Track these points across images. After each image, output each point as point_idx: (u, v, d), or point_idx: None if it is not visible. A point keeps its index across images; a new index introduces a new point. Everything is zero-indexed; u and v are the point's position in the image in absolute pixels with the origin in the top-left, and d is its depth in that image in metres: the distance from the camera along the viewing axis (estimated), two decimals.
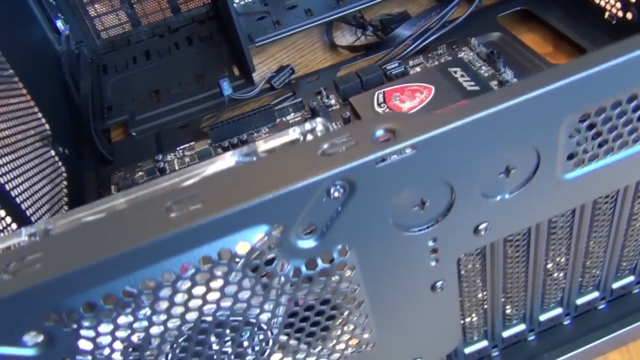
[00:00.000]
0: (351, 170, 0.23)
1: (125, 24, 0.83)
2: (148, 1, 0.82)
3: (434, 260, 0.28)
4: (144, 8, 0.82)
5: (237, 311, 0.25)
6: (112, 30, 0.82)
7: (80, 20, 0.79)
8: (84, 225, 0.23)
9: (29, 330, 0.23)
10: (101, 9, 0.80)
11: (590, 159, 0.27)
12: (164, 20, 0.83)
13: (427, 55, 0.65)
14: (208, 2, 0.83)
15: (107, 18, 0.81)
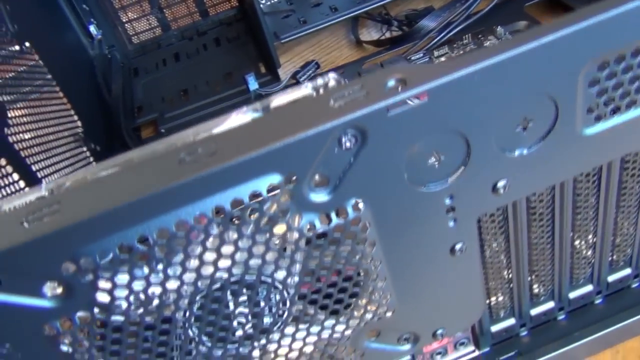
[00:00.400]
0: (362, 118, 0.23)
1: (155, 28, 0.85)
2: (177, 6, 0.83)
3: (452, 220, 0.28)
4: (174, 13, 0.84)
5: (252, 267, 0.25)
6: (143, 34, 0.84)
7: (112, 26, 0.82)
8: (100, 177, 0.24)
9: (48, 280, 0.23)
10: (132, 14, 0.83)
11: (612, 113, 0.27)
12: (192, 24, 0.85)
13: (452, 46, 0.64)
14: (235, 4, 0.85)
15: (138, 23, 0.83)
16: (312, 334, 0.30)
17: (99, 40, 0.80)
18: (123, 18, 0.82)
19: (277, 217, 0.24)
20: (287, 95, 0.25)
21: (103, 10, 0.80)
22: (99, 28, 0.80)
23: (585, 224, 0.34)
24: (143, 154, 0.24)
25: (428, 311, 0.32)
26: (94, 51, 0.79)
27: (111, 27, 0.81)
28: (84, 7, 0.78)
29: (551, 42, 0.23)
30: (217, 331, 0.27)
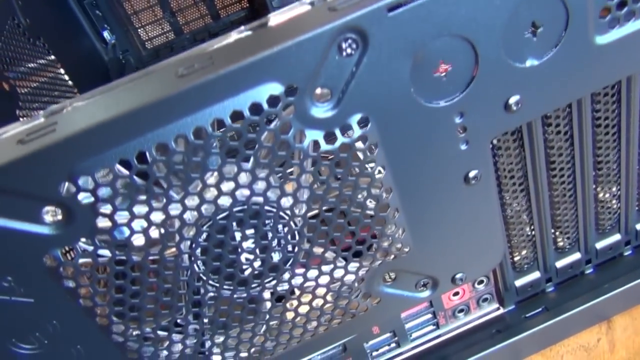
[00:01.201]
0: (361, 19, 0.22)
1: (168, 32, 0.85)
2: (189, 9, 0.84)
3: (464, 142, 0.27)
4: (185, 16, 0.85)
5: (256, 191, 0.25)
6: (156, 39, 0.85)
7: (125, 31, 0.83)
8: (97, 97, 0.23)
9: (47, 204, 0.23)
10: (145, 19, 0.84)
11: (627, 18, 0.26)
12: (204, 27, 0.85)
13: None
14: (246, 5, 0.85)
15: (151, 28, 0.84)
16: (325, 273, 0.29)
17: (112, 45, 0.81)
18: (136, 23, 0.83)
19: (279, 133, 0.23)
20: (284, 13, 0.24)
21: (116, 15, 0.81)
22: (112, 33, 0.81)
23: (607, 155, 0.33)
24: (142, 72, 0.24)
25: (445, 251, 0.31)
26: (108, 56, 0.80)
27: (124, 32, 0.83)
28: (97, 13, 0.79)
29: None
30: (224, 267, 0.26)
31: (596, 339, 0.38)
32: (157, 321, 0.28)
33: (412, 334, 0.38)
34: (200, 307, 0.28)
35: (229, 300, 0.28)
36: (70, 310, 0.26)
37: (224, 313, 0.28)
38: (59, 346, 0.27)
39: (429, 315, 0.37)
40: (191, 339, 0.29)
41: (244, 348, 0.30)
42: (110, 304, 0.26)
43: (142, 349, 0.28)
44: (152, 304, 0.27)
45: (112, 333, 0.27)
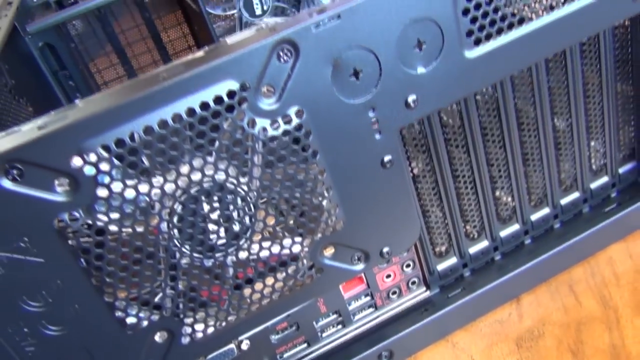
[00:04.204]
0: (293, 34, 0.31)
1: None
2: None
3: (377, 132, 0.35)
4: None
5: (220, 167, 0.32)
6: None
7: None
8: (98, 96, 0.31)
9: (59, 176, 0.30)
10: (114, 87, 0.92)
11: (487, 38, 0.35)
12: None
13: None
14: None
15: None
16: (276, 242, 0.36)
17: None
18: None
19: (237, 120, 0.32)
20: (238, 35, 0.33)
21: (88, 86, 0.89)
22: None
23: (496, 153, 0.42)
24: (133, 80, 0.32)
25: (372, 227, 0.38)
26: None
27: None
28: (70, 83, 0.88)
29: None
30: (196, 233, 0.34)
31: (507, 313, 0.46)
32: (141, 283, 0.34)
33: (354, 315, 0.45)
34: (176, 271, 0.35)
35: (198, 267, 0.35)
36: (72, 270, 0.32)
37: (194, 277, 0.35)
38: (60, 304, 0.33)
39: (368, 298, 0.44)
40: (168, 301, 0.35)
41: (211, 311, 0.36)
42: (104, 265, 0.32)
43: (128, 309, 0.34)
44: (137, 266, 0.33)
45: (104, 293, 0.33)
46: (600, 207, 0.48)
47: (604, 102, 0.44)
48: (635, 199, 0.47)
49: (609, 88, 0.44)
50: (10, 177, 0.29)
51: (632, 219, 0.47)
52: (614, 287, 0.45)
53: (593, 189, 0.47)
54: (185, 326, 0.36)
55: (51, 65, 0.83)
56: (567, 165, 0.46)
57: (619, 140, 0.46)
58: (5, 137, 0.30)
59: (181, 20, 0.92)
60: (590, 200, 0.48)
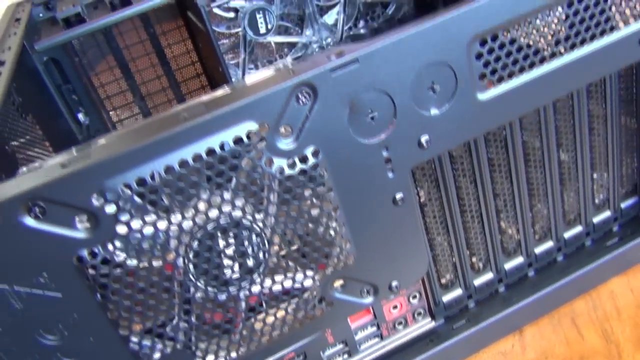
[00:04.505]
0: (312, 77, 0.32)
1: (137, 115, 0.94)
2: (157, 94, 0.94)
3: (390, 171, 0.36)
4: (154, 100, 0.94)
5: (237, 205, 0.33)
6: (126, 121, 0.94)
7: (98, 113, 0.91)
8: (119, 134, 0.32)
9: (80, 213, 0.30)
10: (116, 103, 0.93)
11: (499, 80, 0.36)
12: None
13: None
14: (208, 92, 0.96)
15: (122, 110, 0.93)
16: (289, 277, 0.36)
17: (87, 126, 0.89)
18: (108, 107, 0.92)
19: (256, 160, 0.32)
20: (256, 74, 0.34)
21: (91, 100, 0.90)
22: (86, 115, 0.89)
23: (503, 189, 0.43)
24: (153, 118, 0.32)
25: (382, 262, 0.39)
26: (82, 135, 0.88)
27: (98, 115, 0.91)
28: (74, 97, 0.88)
29: (443, 22, 0.33)
30: (211, 269, 0.34)
31: (511, 345, 0.46)
32: (156, 316, 0.34)
33: (361, 344, 0.45)
34: (190, 305, 0.35)
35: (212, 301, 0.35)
36: (88, 304, 0.32)
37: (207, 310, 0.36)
38: (76, 337, 0.33)
39: (374, 328, 0.45)
40: (181, 334, 0.36)
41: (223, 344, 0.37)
42: (120, 299, 0.33)
43: (142, 342, 0.35)
44: (153, 300, 0.34)
45: (119, 326, 0.34)
46: (602, 240, 0.49)
47: (609, 139, 0.45)
48: (636, 233, 0.48)
49: (614, 126, 0.44)
50: (32, 214, 0.29)
51: (633, 253, 0.48)
52: (616, 321, 0.46)
53: (596, 223, 0.48)
54: (197, 358, 0.37)
55: (55, 79, 0.84)
56: (571, 199, 0.46)
57: (621, 175, 0.47)
58: (28, 174, 0.30)
59: (185, 37, 0.92)
60: (592, 233, 0.49)
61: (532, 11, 0.35)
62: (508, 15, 0.34)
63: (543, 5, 0.35)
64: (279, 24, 0.86)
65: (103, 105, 0.92)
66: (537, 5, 0.35)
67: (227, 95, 0.32)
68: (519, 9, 0.35)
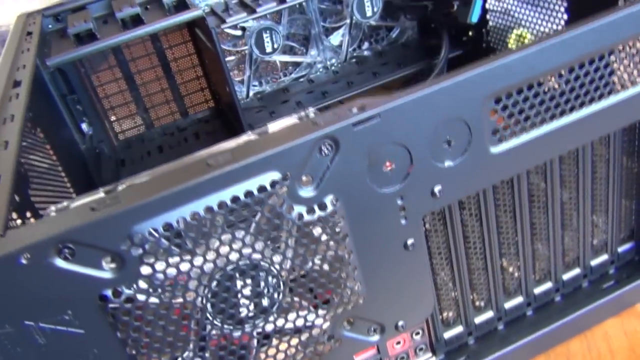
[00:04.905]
0: (335, 131, 0.33)
1: (140, 126, 0.95)
2: (160, 107, 0.95)
3: (404, 218, 0.37)
4: (157, 112, 0.95)
5: (257, 249, 0.34)
6: (129, 131, 0.95)
7: (102, 124, 0.92)
8: (148, 179, 0.33)
9: (108, 254, 0.31)
10: (120, 114, 0.93)
11: (510, 136, 0.38)
12: (173, 122, 0.96)
13: None
14: (212, 105, 0.97)
15: (125, 121, 0.94)
16: (301, 316, 0.38)
17: (90, 136, 0.90)
18: (112, 117, 0.93)
19: (277, 207, 0.33)
20: (278, 123, 0.35)
21: (95, 110, 0.90)
22: (90, 126, 0.90)
23: (508, 233, 0.44)
24: (179, 163, 0.33)
25: (390, 302, 0.40)
26: (85, 145, 0.89)
27: (101, 125, 0.92)
28: (78, 107, 0.89)
29: (459, 82, 0.34)
30: (227, 308, 0.35)
31: None
32: (172, 352, 0.36)
33: None
34: (205, 342, 0.36)
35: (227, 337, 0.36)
36: (109, 341, 0.33)
37: (222, 347, 0.37)
38: None
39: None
40: None
41: None
42: (140, 336, 0.34)
43: None
44: (170, 337, 0.35)
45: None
46: (598, 283, 0.51)
47: (610, 186, 0.47)
48: (632, 277, 0.50)
49: (615, 175, 0.46)
50: (62, 256, 0.30)
51: (628, 296, 0.50)
52: None
53: (593, 265, 0.50)
54: None
55: (60, 89, 0.84)
56: (571, 242, 0.48)
57: (620, 221, 0.49)
58: (58, 215, 0.31)
59: (191, 51, 0.93)
60: (589, 275, 0.50)
61: (544, 72, 0.37)
62: (522, 76, 0.36)
63: (554, 68, 0.37)
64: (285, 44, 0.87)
65: (107, 115, 0.93)
66: (550, 67, 0.36)
67: (253, 144, 0.34)
68: (531, 71, 0.36)
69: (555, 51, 0.36)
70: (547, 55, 0.36)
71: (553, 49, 0.36)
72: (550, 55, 0.36)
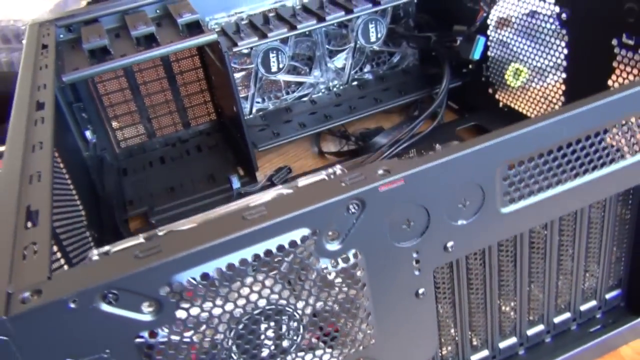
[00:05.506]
0: (363, 193, 0.35)
1: (142, 135, 0.97)
2: (163, 117, 0.97)
3: (417, 270, 0.40)
4: (160, 123, 0.97)
5: (283, 296, 0.37)
6: (131, 140, 0.96)
7: (105, 132, 0.93)
8: (188, 228, 0.35)
9: (149, 299, 0.33)
10: (124, 122, 0.95)
11: (519, 198, 0.41)
12: (175, 133, 0.98)
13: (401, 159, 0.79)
14: (214, 118, 0.99)
15: (128, 130, 0.95)
16: (316, 356, 0.40)
17: (93, 144, 0.91)
18: (115, 126, 0.94)
19: (305, 259, 0.36)
20: (308, 179, 0.38)
21: (99, 118, 0.92)
22: (94, 133, 0.91)
23: (507, 279, 0.47)
24: (217, 213, 0.36)
25: (397, 344, 0.43)
26: (89, 153, 0.90)
27: (104, 133, 0.93)
28: (83, 115, 0.90)
29: (477, 150, 0.37)
30: (251, 348, 0.38)
31: None
32: None
33: None
34: None
35: None
36: None
37: None
38: None
39: None
40: None
41: None
42: None
43: None
44: None
45: None
46: (586, 326, 0.54)
47: (603, 239, 0.50)
48: (617, 322, 0.54)
49: (609, 230, 0.50)
50: (107, 301, 0.33)
51: (613, 341, 0.53)
52: None
53: (582, 310, 0.53)
54: None
55: (67, 97, 0.86)
56: (564, 288, 0.51)
57: (610, 270, 0.53)
58: (102, 262, 0.34)
59: (197, 65, 0.95)
60: (578, 319, 0.54)
61: (555, 144, 0.40)
62: (534, 146, 0.39)
63: (564, 139, 0.40)
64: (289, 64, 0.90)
65: (110, 124, 0.94)
66: (560, 139, 0.40)
67: (286, 200, 0.36)
68: (543, 142, 0.39)
69: (565, 125, 0.39)
70: (558, 128, 0.39)
71: (564, 123, 0.39)
72: (561, 128, 0.39)
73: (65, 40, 0.81)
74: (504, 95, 0.83)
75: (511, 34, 0.78)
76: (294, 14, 0.82)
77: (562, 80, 0.70)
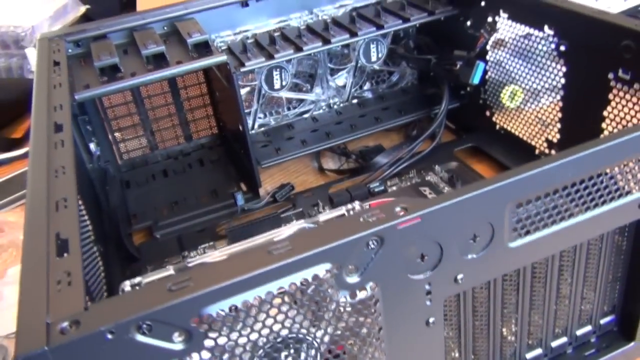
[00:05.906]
0: (382, 230, 0.38)
1: (144, 147, 0.98)
2: (166, 130, 0.98)
3: (429, 300, 0.42)
4: (162, 136, 0.98)
5: (304, 326, 0.39)
6: (133, 152, 0.98)
7: (109, 144, 0.94)
8: (217, 261, 0.37)
9: (179, 329, 0.35)
10: (127, 135, 0.96)
11: (526, 233, 0.43)
12: (177, 146, 0.99)
13: (401, 178, 0.82)
14: (216, 132, 1.00)
15: (131, 142, 0.97)
16: None
17: (97, 157, 0.92)
18: (118, 138, 0.96)
19: (327, 291, 0.38)
20: (329, 214, 0.40)
21: (103, 132, 0.93)
22: (97, 146, 0.93)
23: (509, 310, 0.50)
24: (243, 246, 0.38)
25: None
26: (92, 165, 0.91)
27: (108, 146, 0.94)
28: (88, 128, 0.91)
29: (489, 190, 0.40)
30: None
31: None
32: None
33: None
34: None
35: None
36: None
37: None
38: None
39: None
40: None
41: None
42: None
43: None
44: None
45: None
46: (581, 350, 0.57)
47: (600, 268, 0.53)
48: (611, 347, 0.56)
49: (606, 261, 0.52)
50: (141, 331, 0.34)
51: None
52: None
53: (578, 335, 0.56)
54: None
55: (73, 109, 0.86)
56: (561, 314, 0.54)
57: (605, 298, 0.55)
58: (136, 294, 0.35)
59: (201, 80, 0.96)
60: (574, 343, 0.56)
61: (561, 184, 0.42)
62: (541, 187, 0.41)
63: (570, 179, 0.42)
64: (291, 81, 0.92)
65: (114, 136, 0.95)
66: (566, 180, 0.42)
67: (309, 236, 0.38)
68: (550, 183, 0.42)
69: (572, 167, 0.41)
70: (565, 170, 0.41)
71: (570, 165, 0.41)
72: (567, 170, 0.41)
73: (74, 54, 0.82)
74: (501, 118, 0.86)
75: (508, 57, 0.81)
76: (299, 35, 0.84)
77: (559, 108, 0.73)
